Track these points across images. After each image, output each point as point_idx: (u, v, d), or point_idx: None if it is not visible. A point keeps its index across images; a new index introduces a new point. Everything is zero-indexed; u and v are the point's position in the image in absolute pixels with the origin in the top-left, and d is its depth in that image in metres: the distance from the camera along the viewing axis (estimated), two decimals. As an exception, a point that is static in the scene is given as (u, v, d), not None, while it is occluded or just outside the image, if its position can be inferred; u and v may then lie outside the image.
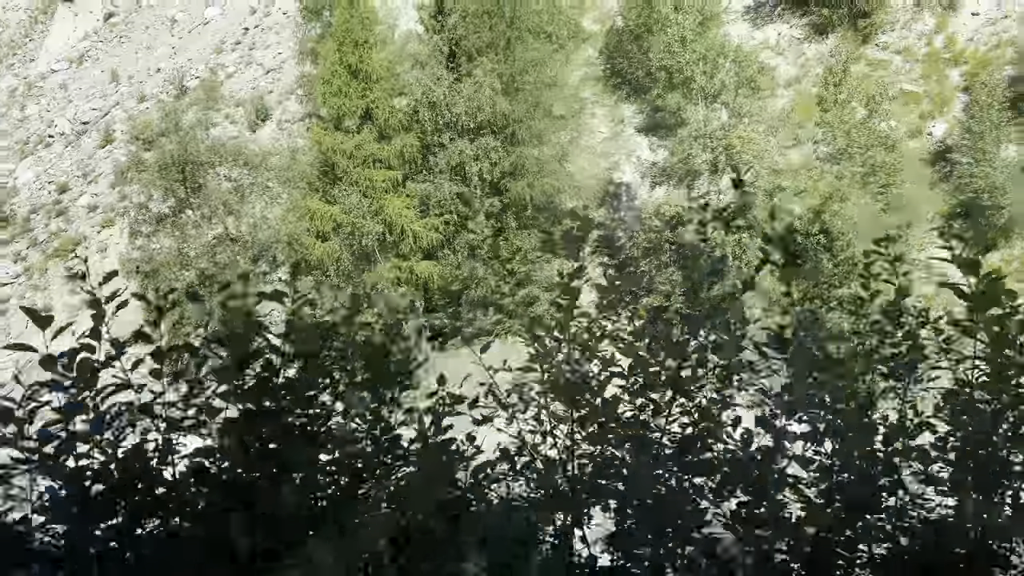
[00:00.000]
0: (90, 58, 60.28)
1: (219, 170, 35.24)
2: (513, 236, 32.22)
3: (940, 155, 30.27)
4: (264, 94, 46.41)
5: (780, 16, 38.80)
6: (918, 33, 34.86)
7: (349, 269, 29.72)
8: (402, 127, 30.75)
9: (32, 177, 46.87)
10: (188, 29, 56.14)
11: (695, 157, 27.44)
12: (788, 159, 29.66)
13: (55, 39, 78.03)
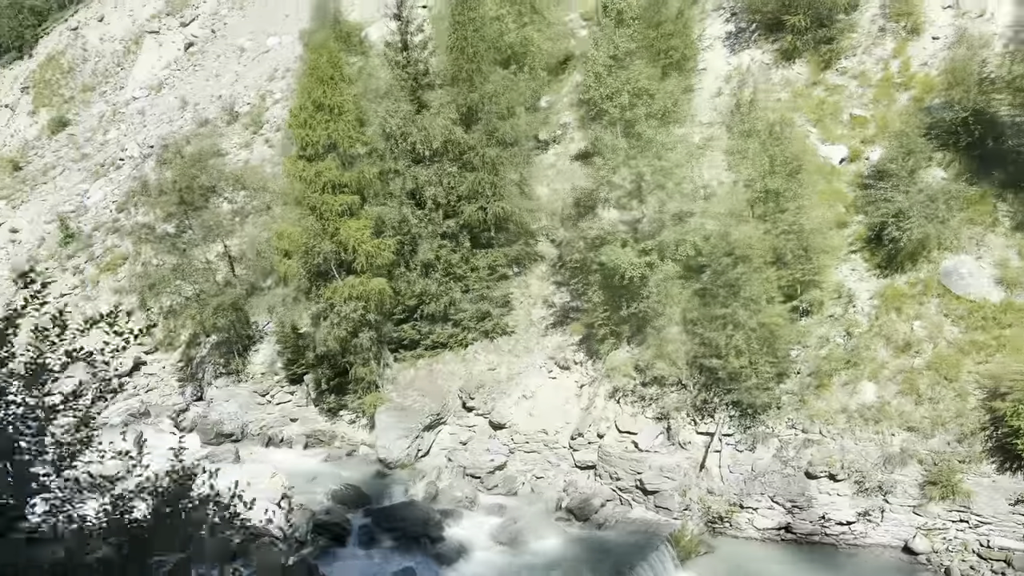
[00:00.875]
0: (167, 85, 67.05)
1: (225, 194, 39.36)
2: (470, 256, 34.70)
3: (875, 179, 30.33)
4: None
5: (755, 42, 39.38)
6: (877, 58, 34.78)
7: (307, 285, 32.90)
8: (362, 155, 33.64)
9: (100, 197, 53.14)
10: (253, 57, 61.62)
11: (609, 183, 28.92)
12: (710, 184, 30.53)
13: (141, 68, 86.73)
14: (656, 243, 28.17)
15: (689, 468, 27.20)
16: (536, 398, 31.75)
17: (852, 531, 24.59)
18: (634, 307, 28.30)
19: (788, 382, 26.85)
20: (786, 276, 26.88)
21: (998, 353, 24.32)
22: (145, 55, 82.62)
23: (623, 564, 23.50)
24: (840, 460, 24.96)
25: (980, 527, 22.97)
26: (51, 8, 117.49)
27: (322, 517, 27.01)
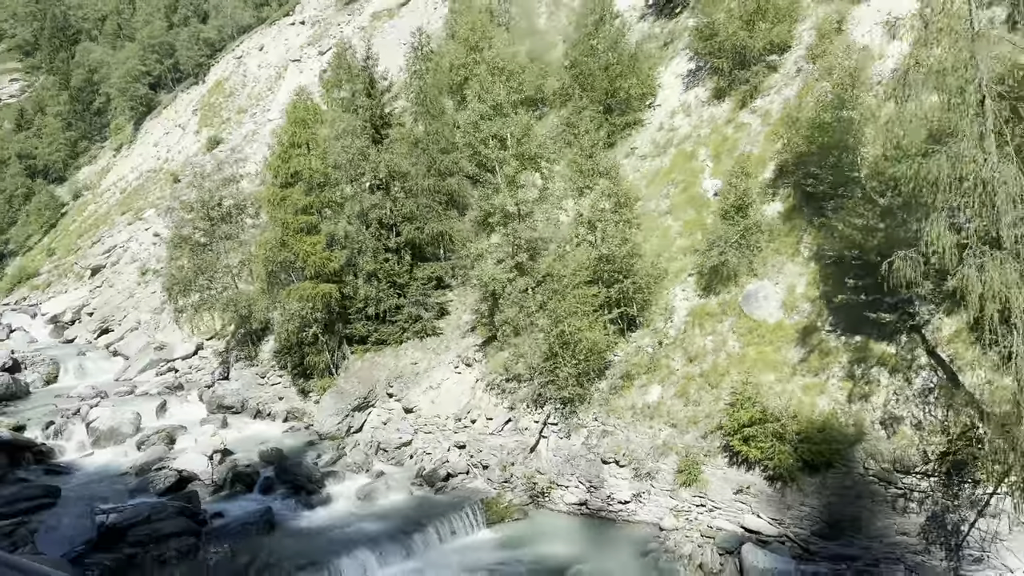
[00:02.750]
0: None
1: (248, 212, 48.43)
2: (413, 268, 41.57)
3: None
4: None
5: (702, 81, 43.52)
6: (784, 98, 37.92)
7: (268, 288, 41.01)
8: (323, 183, 41.34)
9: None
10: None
11: (483, 210, 34.95)
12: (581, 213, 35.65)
13: (283, 92, 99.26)
14: (514, 262, 33.90)
15: (522, 450, 32.68)
16: (440, 389, 38.09)
17: (627, 509, 29.31)
18: (498, 315, 34.15)
19: (603, 382, 31.77)
20: (608, 294, 31.78)
21: (754, 366, 28.34)
22: (288, 81, 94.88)
23: (435, 517, 29.54)
24: (624, 449, 29.77)
25: (713, 511, 27.19)
26: (223, 39, 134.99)
27: (241, 469, 34.68)
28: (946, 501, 22.45)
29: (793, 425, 25.31)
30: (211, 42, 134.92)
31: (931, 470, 22.79)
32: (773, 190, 33.69)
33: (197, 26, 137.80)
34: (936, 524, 22.48)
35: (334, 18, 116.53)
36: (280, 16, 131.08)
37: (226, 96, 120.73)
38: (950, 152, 18.84)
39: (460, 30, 46.06)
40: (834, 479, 24.64)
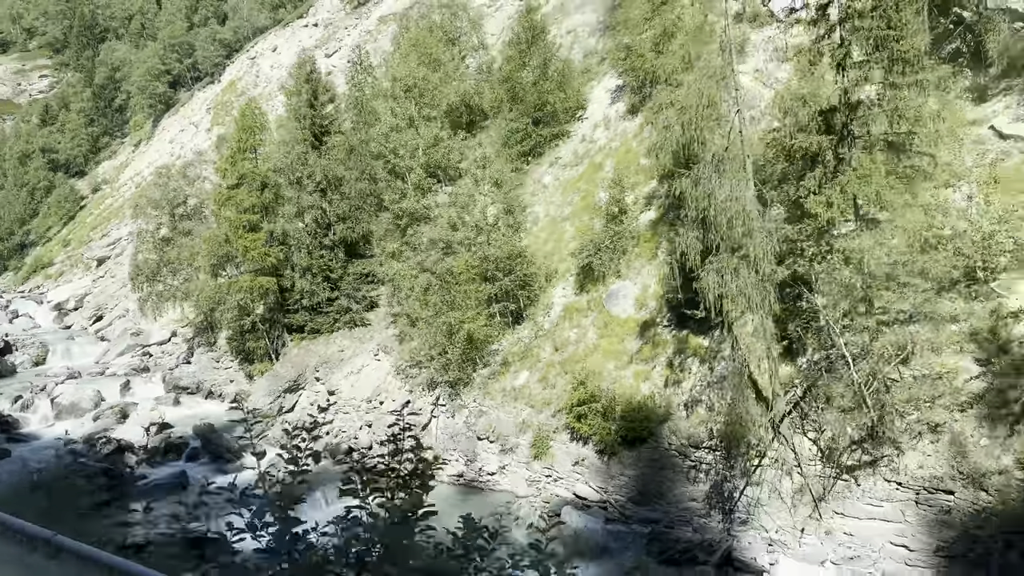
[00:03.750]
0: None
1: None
2: (344, 263, 45.71)
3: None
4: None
5: (624, 96, 47.00)
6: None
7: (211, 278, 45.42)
8: (266, 185, 45.64)
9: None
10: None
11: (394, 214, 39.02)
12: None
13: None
14: (420, 259, 37.91)
15: (416, 427, 36.66)
16: (360, 374, 42.19)
17: (493, 479, 33.21)
18: (403, 307, 38.18)
19: (485, 369, 35.67)
20: (492, 290, 35.66)
21: (602, 355, 32.10)
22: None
23: (322, 483, 33.59)
24: (494, 427, 33.67)
25: (557, 480, 31.01)
26: (239, 40, 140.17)
27: (174, 440, 39.10)
28: (724, 472, 26.07)
29: (618, 406, 28.99)
30: (227, 43, 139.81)
31: (714, 445, 26.41)
32: (649, 200, 37.28)
33: (214, 27, 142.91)
34: (716, 491, 26.13)
35: (342, 21, 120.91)
36: (294, 18, 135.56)
37: (238, 95, 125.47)
38: (693, 175, 22.52)
39: (403, 46, 50.02)
40: (646, 453, 28.34)
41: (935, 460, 22.05)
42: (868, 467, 23.07)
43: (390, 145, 39.02)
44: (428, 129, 38.81)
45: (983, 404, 22.09)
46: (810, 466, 24.14)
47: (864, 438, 23.07)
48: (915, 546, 21.84)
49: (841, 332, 23.09)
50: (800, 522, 23.95)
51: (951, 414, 22.40)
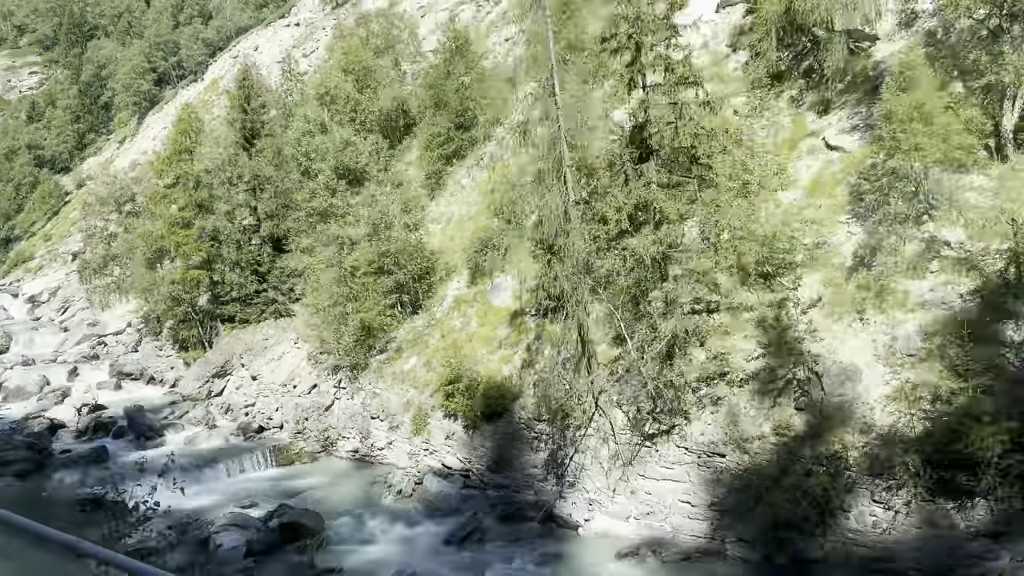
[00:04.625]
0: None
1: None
2: (272, 258, 49.16)
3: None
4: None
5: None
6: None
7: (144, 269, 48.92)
8: (198, 184, 49.10)
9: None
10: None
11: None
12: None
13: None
14: (326, 254, 41.35)
15: (318, 408, 40.20)
16: (281, 361, 45.70)
17: (383, 454, 36.69)
18: (310, 298, 41.64)
19: (382, 355, 39.17)
20: (388, 282, 39.11)
21: (479, 341, 35.59)
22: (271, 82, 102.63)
23: (229, 456, 37.18)
24: (385, 407, 37.17)
25: (433, 453, 34.49)
26: (222, 39, 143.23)
27: (103, 419, 42.61)
28: (559, 442, 29.58)
29: (480, 386, 32.48)
30: (210, 42, 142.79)
31: (551, 418, 29.91)
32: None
33: (197, 26, 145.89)
34: (552, 459, 29.65)
35: (321, 22, 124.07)
36: (275, 18, 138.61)
37: (218, 94, 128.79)
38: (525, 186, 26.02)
39: (335, 55, 53.49)
40: (501, 427, 31.85)
41: (713, 428, 25.60)
42: (664, 435, 26.61)
43: (302, 148, 42.47)
44: (338, 134, 42.19)
45: (756, 381, 25.62)
46: (622, 435, 27.63)
47: (662, 410, 26.56)
48: (696, 502, 25.38)
49: (644, 318, 26.57)
50: (612, 483, 27.45)
51: (731, 389, 25.95)
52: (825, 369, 24.32)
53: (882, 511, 21.71)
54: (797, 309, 26.35)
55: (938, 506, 20.92)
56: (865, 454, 22.28)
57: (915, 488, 21.19)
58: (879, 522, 21.71)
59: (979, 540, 20.20)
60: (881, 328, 24.65)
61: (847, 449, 22.58)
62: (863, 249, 26.96)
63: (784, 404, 24.79)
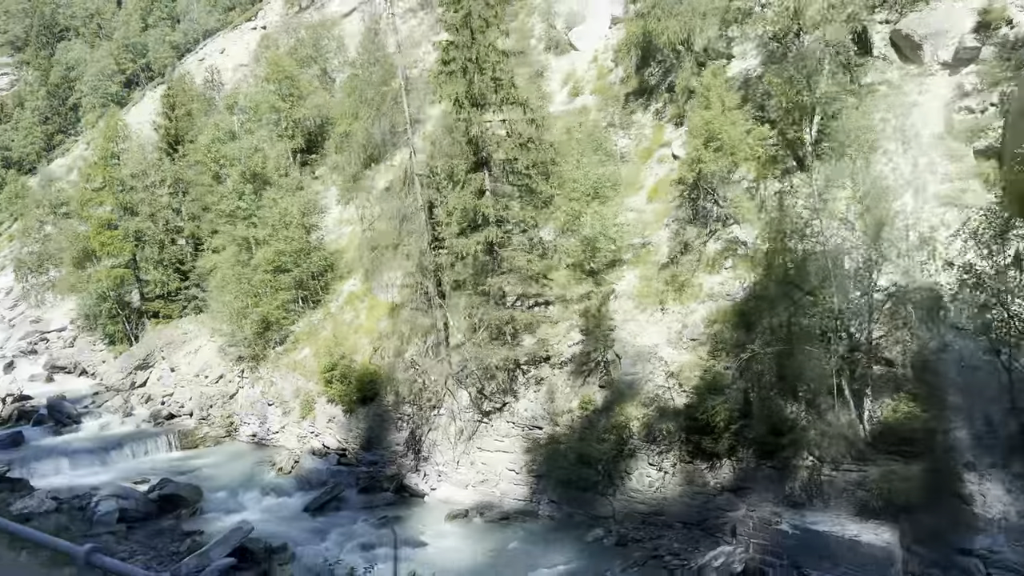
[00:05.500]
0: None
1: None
2: (194, 257, 52.18)
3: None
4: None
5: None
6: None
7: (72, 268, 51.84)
8: (123, 187, 52.07)
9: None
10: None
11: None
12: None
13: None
14: (231, 252, 44.46)
15: (223, 396, 43.34)
16: (197, 353, 48.77)
17: (277, 437, 39.85)
18: (215, 293, 44.78)
19: (280, 347, 42.37)
20: (288, 279, 42.27)
21: (363, 332, 38.86)
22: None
23: (135, 440, 40.24)
24: (279, 394, 40.37)
25: (318, 435, 37.70)
26: (188, 42, 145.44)
27: (26, 409, 45.55)
28: (417, 421, 32.91)
29: (355, 372, 35.75)
30: (176, 45, 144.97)
31: (413, 400, 33.24)
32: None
33: (164, 29, 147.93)
34: (412, 437, 32.96)
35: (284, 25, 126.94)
36: (242, 21, 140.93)
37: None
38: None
39: (262, 67, 56.70)
40: (373, 409, 35.17)
41: (535, 405, 29.04)
42: (498, 412, 30.02)
43: (211, 155, 45.63)
44: (247, 140, 45.37)
45: (573, 363, 29.07)
46: (466, 413, 31.00)
47: (496, 391, 29.97)
48: (518, 470, 28.78)
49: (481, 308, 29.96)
50: (457, 456, 30.82)
51: (552, 371, 29.38)
52: (625, 352, 27.77)
53: (655, 472, 25.16)
54: (614, 301, 29.77)
55: (695, 467, 24.42)
56: (644, 424, 25.72)
57: (678, 452, 24.67)
58: (653, 482, 25.17)
59: (724, 495, 23.68)
60: (676, 316, 28.14)
61: (630, 420, 26.02)
62: (676, 247, 30.42)
63: (591, 383, 28.25)
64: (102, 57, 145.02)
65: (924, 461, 20.50)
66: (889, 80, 32.06)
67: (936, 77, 31.28)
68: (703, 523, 23.81)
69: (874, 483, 20.90)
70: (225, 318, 42.56)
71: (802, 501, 21.97)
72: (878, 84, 31.93)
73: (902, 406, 21.30)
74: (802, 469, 22.31)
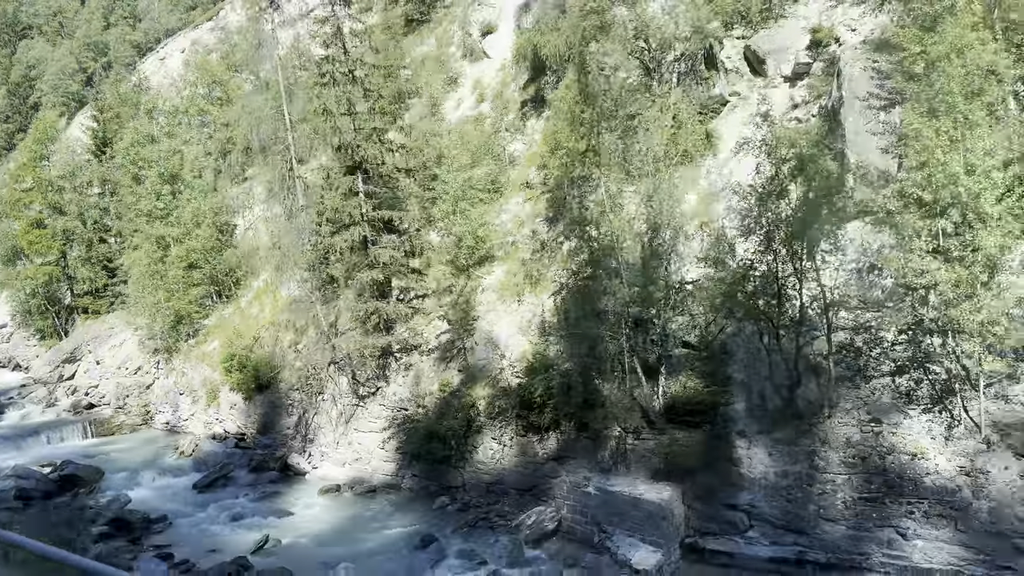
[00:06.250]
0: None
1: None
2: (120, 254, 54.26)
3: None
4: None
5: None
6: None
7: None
8: (50, 188, 54.10)
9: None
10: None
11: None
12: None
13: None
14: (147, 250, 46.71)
15: (140, 386, 45.62)
16: (121, 346, 50.97)
17: (186, 423, 42.21)
18: (132, 289, 47.04)
19: (192, 339, 44.73)
20: (200, 275, 44.64)
21: (268, 325, 41.33)
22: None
23: (51, 428, 42.43)
24: (189, 383, 42.73)
25: (223, 421, 40.11)
26: (149, 41, 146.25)
27: (-51, 399, 47.60)
28: (305, 406, 35.46)
29: (251, 362, 38.23)
30: (136, 43, 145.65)
31: (301, 387, 35.78)
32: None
33: (125, 28, 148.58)
34: (301, 420, 35.49)
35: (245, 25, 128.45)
36: (202, 21, 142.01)
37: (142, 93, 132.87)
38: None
39: (190, 73, 58.94)
40: (269, 396, 37.66)
41: (404, 389, 31.71)
42: (372, 396, 32.66)
43: (129, 156, 47.94)
44: (164, 143, 47.68)
45: (439, 350, 31.79)
46: (346, 398, 33.61)
47: (371, 376, 32.62)
48: (388, 448, 31.45)
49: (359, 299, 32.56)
50: (337, 437, 33.42)
51: (421, 357, 32.07)
52: (481, 339, 30.54)
53: (496, 445, 27.94)
54: (481, 294, 32.55)
55: (528, 440, 27.21)
56: (489, 403, 28.48)
57: (514, 427, 27.47)
58: (495, 454, 27.93)
59: (550, 463, 26.49)
60: (529, 307, 30.95)
61: (477, 400, 28.78)
62: (535, 245, 33.24)
63: (452, 368, 30.97)
64: (63, 56, 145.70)
65: (704, 430, 23.42)
66: (738, 91, 35.17)
67: (779, 89, 34.34)
68: (533, 489, 26.59)
69: (663, 450, 23.79)
70: (141, 312, 44.81)
71: (610, 467, 24.81)
72: (729, 95, 35.03)
73: (689, 383, 24.20)
74: (611, 439, 25.14)
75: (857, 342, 22.82)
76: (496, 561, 23.15)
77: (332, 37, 30.82)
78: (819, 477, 21.48)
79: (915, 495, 20.15)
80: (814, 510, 21.29)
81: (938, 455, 20.31)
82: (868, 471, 20.94)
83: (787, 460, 22.10)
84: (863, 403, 21.94)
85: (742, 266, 22.59)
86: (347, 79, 31.46)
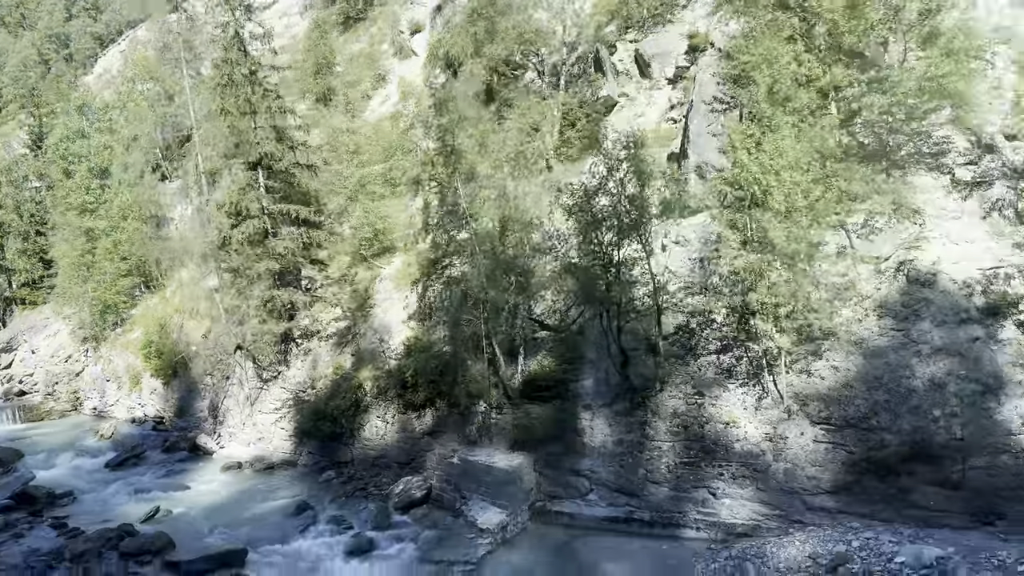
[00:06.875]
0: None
1: None
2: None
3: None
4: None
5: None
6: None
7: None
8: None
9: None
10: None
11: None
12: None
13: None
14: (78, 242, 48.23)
15: (70, 374, 47.21)
16: (55, 337, 52.44)
17: (112, 409, 43.90)
18: (60, 280, 48.56)
19: (119, 328, 46.35)
20: (128, 266, 46.29)
21: (185, 312, 43.08)
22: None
23: (-11, 416, 43.94)
24: (115, 370, 44.36)
25: (144, 405, 41.82)
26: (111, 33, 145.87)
27: None
28: (216, 390, 37.30)
29: (168, 347, 40.01)
30: (97, 35, 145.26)
31: (213, 372, 37.61)
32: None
33: (86, 20, 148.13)
34: (212, 404, 37.35)
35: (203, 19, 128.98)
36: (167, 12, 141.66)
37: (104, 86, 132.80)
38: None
39: (128, 70, 60.30)
40: (185, 381, 39.47)
41: (302, 372, 33.73)
42: (274, 380, 34.63)
43: (59, 152, 49.43)
44: (92, 140, 49.15)
45: (336, 336, 33.80)
46: (252, 382, 35.51)
47: (274, 362, 34.55)
48: (287, 428, 33.41)
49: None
50: (243, 419, 35.32)
51: (319, 343, 34.05)
52: (373, 325, 32.60)
53: (381, 423, 30.03)
54: (380, 283, 34.58)
55: (408, 417, 29.33)
56: (376, 384, 30.55)
57: (396, 405, 29.57)
58: (379, 431, 30.03)
59: (426, 438, 28.63)
60: (418, 296, 32.99)
61: (364, 381, 30.85)
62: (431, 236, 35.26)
63: (347, 352, 33.01)
64: (24, 47, 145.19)
65: (555, 404, 25.66)
66: (627, 92, 37.44)
67: (663, 91, 36.67)
68: (412, 462, 28.71)
69: (520, 422, 26.01)
70: (68, 302, 46.38)
71: (476, 439, 27.00)
72: (618, 96, 37.27)
73: (546, 362, 26.43)
74: (477, 414, 27.33)
75: (692, 324, 25.11)
76: (362, 526, 25.24)
77: (230, 41, 32.63)
78: (648, 444, 23.79)
79: (726, 459, 22.51)
80: (643, 474, 23.60)
81: (748, 424, 22.66)
82: (689, 438, 23.27)
83: (623, 430, 24.39)
84: (691, 378, 24.25)
85: (584, 256, 24.80)
86: (247, 80, 33.26)
